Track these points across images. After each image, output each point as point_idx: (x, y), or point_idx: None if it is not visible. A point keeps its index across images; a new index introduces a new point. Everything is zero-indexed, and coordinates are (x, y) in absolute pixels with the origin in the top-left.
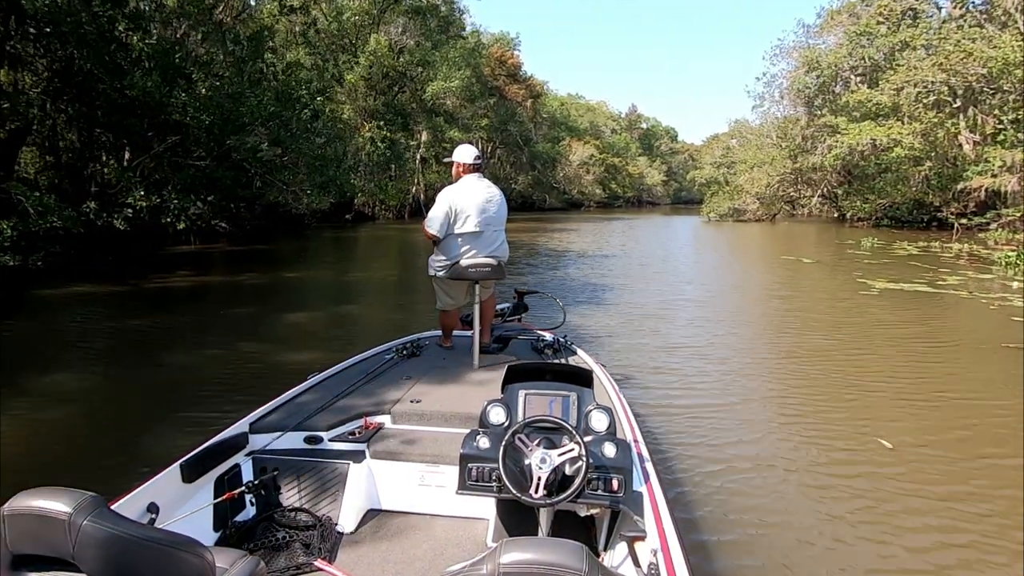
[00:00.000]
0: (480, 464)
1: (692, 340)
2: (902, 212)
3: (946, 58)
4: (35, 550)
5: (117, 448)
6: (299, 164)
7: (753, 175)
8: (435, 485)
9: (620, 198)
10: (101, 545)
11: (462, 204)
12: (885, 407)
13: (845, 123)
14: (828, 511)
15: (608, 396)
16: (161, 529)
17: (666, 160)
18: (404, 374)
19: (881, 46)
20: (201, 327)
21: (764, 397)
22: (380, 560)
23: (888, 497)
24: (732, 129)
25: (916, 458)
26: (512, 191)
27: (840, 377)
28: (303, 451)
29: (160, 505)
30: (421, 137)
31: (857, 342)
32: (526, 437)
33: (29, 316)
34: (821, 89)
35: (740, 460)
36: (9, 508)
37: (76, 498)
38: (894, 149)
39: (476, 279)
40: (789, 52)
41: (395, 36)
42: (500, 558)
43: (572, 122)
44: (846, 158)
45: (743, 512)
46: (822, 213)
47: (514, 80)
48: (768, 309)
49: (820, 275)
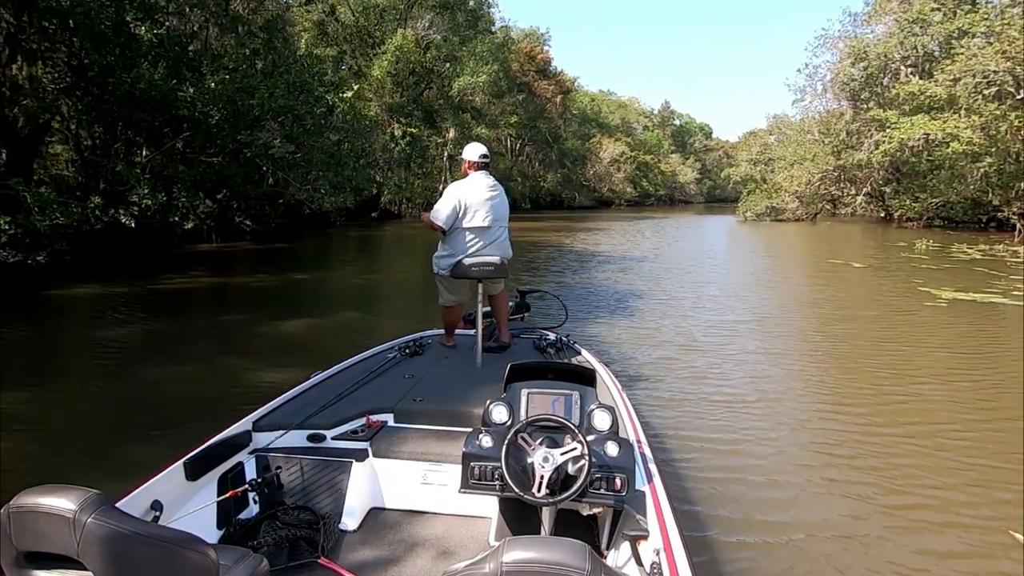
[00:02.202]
0: (482, 463)
1: (731, 357)
2: (956, 212)
3: (1010, 45)
4: (40, 547)
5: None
6: (314, 161)
7: (793, 172)
8: (438, 484)
9: (651, 196)
10: (105, 543)
11: (471, 199)
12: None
13: (895, 117)
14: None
15: (611, 395)
16: (165, 527)
17: (700, 157)
18: (407, 372)
19: (936, 34)
20: (186, 336)
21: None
22: (382, 558)
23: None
24: (771, 125)
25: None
26: (541, 189)
27: (891, 395)
28: (306, 449)
29: (164, 503)
30: (448, 134)
31: (928, 362)
32: (528, 436)
33: (13, 318)
34: (868, 81)
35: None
36: (14, 506)
37: (81, 496)
38: (950, 144)
39: (478, 278)
40: (834, 42)
41: (421, 31)
42: (503, 557)
43: (603, 119)
44: (895, 154)
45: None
46: (866, 213)
47: (543, 76)
48: (816, 322)
49: (875, 282)
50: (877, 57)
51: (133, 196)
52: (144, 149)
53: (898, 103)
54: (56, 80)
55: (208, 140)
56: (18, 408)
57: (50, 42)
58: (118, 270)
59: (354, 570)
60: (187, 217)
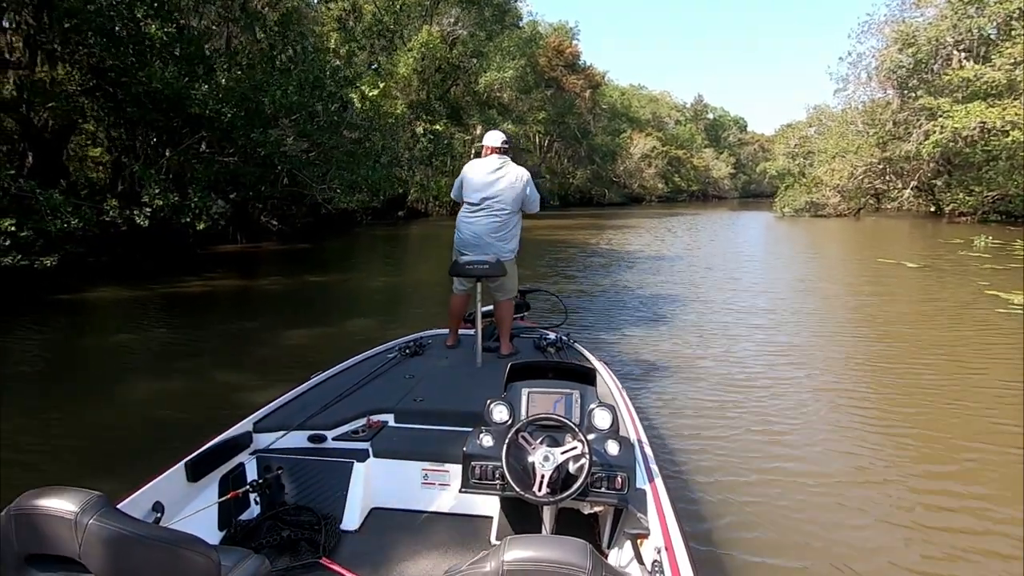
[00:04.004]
0: (483, 462)
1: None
2: (1016, 206)
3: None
4: (41, 549)
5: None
6: (330, 160)
7: (834, 166)
8: (438, 483)
9: (684, 192)
10: (107, 544)
11: (471, 175)
12: None
13: (948, 105)
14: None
15: (611, 394)
16: (166, 528)
17: (734, 152)
18: (407, 373)
19: (993, 15)
20: (177, 347)
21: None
22: (384, 558)
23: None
24: (810, 116)
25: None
26: (570, 186)
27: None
28: (307, 450)
29: (165, 504)
30: (476, 131)
31: (1002, 379)
32: (529, 435)
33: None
34: (917, 68)
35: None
36: (16, 508)
37: (82, 497)
38: (1010, 133)
39: (473, 276)
40: (879, 28)
41: (447, 27)
42: (504, 556)
43: (633, 113)
44: (948, 145)
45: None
46: (913, 207)
47: (572, 70)
48: (870, 331)
49: (934, 285)
50: (927, 42)
51: (144, 196)
52: (167, 149)
53: (950, 90)
54: (79, 81)
55: (226, 139)
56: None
57: (70, 43)
58: (135, 272)
59: (356, 570)
60: (199, 218)
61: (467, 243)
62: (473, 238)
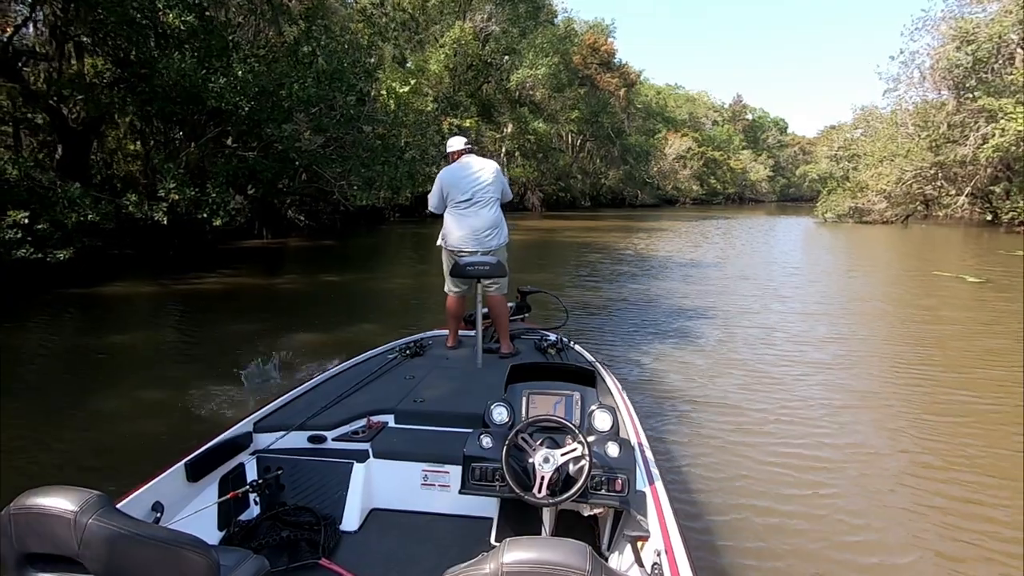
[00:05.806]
0: (483, 464)
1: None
2: None
3: None
4: (41, 548)
5: None
6: (350, 156)
7: (881, 170)
8: (438, 485)
9: (720, 195)
10: (106, 544)
11: (451, 179)
12: None
13: (1011, 106)
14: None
15: (611, 396)
16: (166, 528)
17: (773, 154)
18: (407, 373)
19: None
20: (171, 351)
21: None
22: (383, 559)
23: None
24: (856, 118)
25: None
26: (602, 186)
27: None
28: (307, 450)
29: (165, 504)
30: (507, 129)
31: None
32: (529, 437)
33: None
34: (976, 67)
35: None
36: (15, 507)
37: (82, 497)
38: None
39: (475, 276)
40: (935, 25)
41: (480, 23)
42: (503, 557)
43: (669, 113)
44: (1009, 149)
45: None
46: (966, 215)
47: (607, 68)
48: (930, 354)
49: (999, 302)
50: (988, 39)
51: (160, 191)
52: (191, 143)
53: (1013, 91)
54: (107, 74)
55: (248, 132)
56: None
57: (98, 34)
58: (153, 267)
59: (355, 571)
60: (216, 213)
61: (465, 239)
62: (472, 233)
